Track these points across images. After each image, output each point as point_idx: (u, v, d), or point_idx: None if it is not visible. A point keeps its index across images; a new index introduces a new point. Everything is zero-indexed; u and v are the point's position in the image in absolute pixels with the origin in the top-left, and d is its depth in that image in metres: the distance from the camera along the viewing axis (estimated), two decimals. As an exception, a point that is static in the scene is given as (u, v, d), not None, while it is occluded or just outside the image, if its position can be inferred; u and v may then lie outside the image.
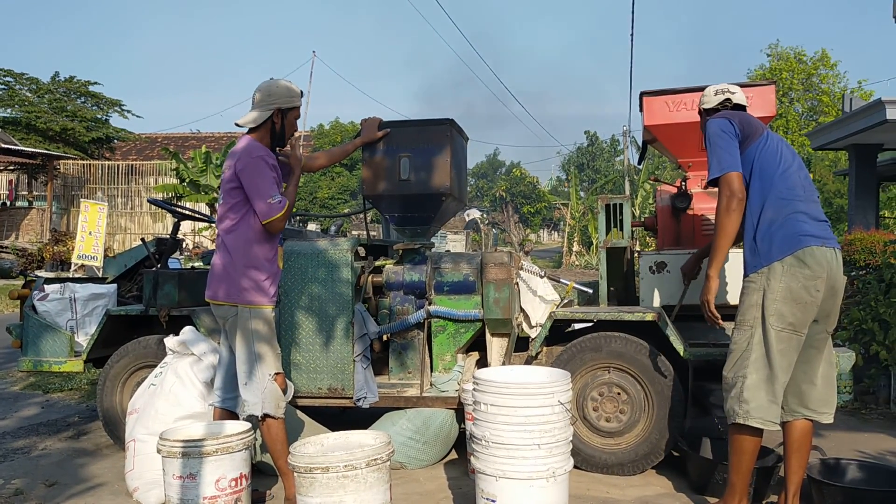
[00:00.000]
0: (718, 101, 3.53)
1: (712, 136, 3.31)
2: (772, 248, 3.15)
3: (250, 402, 3.40)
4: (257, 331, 3.39)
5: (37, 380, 6.83)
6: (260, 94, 3.50)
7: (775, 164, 3.25)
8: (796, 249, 3.11)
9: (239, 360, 3.43)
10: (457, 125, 4.43)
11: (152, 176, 24.90)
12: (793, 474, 3.28)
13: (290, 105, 3.55)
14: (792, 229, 3.15)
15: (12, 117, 26.32)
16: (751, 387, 3.14)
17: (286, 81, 3.56)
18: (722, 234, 3.24)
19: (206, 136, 35.22)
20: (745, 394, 3.14)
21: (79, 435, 5.03)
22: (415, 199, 4.36)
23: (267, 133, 3.53)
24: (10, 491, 3.87)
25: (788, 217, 3.17)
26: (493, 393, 3.05)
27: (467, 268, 4.33)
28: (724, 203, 3.21)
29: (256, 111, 3.49)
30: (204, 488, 3.16)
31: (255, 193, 3.32)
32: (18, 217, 22.49)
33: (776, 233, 3.16)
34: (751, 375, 3.14)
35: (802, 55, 27.24)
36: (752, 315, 3.18)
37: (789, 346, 3.14)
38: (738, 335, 3.23)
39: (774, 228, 3.17)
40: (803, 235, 3.13)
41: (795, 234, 3.14)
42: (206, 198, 19.98)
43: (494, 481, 3.00)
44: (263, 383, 3.38)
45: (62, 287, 4.93)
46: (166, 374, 3.90)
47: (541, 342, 4.17)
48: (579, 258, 21.90)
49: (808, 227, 3.16)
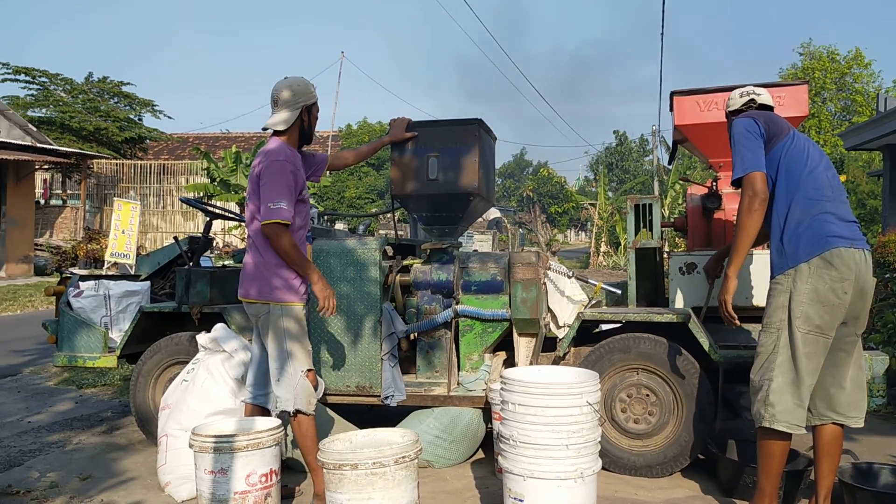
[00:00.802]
0: (743, 103, 3.51)
1: (737, 136, 3.28)
2: (798, 249, 3.12)
3: (283, 398, 3.43)
4: (288, 328, 3.42)
5: (71, 375, 6.95)
6: (284, 93, 3.50)
7: (802, 163, 3.21)
8: (823, 251, 3.07)
9: (271, 356, 3.46)
10: (485, 125, 4.44)
11: (183, 175, 25.24)
12: (823, 478, 3.25)
13: (313, 100, 3.59)
14: (819, 230, 3.11)
15: (47, 117, 26.81)
16: (777, 390, 3.10)
17: (300, 78, 3.58)
18: (742, 233, 3.21)
19: (236, 135, 35.57)
20: (771, 397, 3.11)
21: (112, 430, 5.11)
22: (443, 198, 4.37)
23: (295, 131, 3.57)
24: (46, 484, 3.95)
25: (816, 217, 3.13)
26: (522, 392, 3.05)
27: (495, 267, 4.34)
28: (745, 203, 3.19)
29: (285, 112, 3.51)
30: (235, 483, 3.20)
31: (264, 194, 3.34)
32: (53, 215, 22.90)
33: (803, 234, 3.12)
34: (777, 378, 3.11)
35: (836, 54, 26.81)
36: (778, 317, 3.15)
37: (816, 349, 3.10)
38: (765, 338, 3.20)
39: (801, 229, 3.13)
40: (831, 236, 3.09)
41: (822, 235, 3.10)
42: (236, 197, 20.18)
43: (522, 481, 3.01)
44: (295, 380, 3.41)
45: (97, 284, 5.02)
46: (198, 371, 3.96)
47: (569, 342, 4.17)
48: (607, 259, 21.77)
49: (836, 227, 3.11)
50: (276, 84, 3.55)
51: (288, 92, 3.51)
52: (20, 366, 7.71)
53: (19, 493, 3.80)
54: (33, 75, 26.82)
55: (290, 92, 3.51)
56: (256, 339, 3.63)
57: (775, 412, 3.10)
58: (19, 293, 14.54)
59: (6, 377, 7.11)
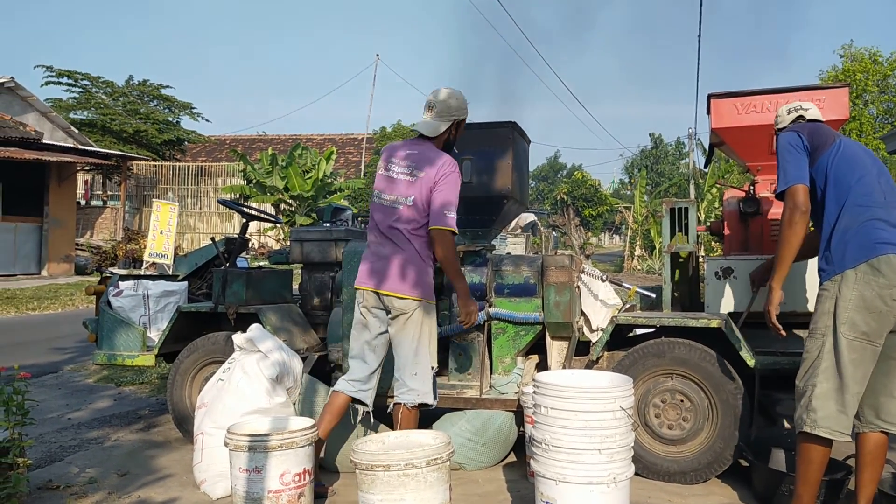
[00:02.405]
0: (791, 120, 3.49)
1: (781, 150, 3.29)
2: (845, 255, 3.07)
3: (422, 390, 3.57)
4: (431, 326, 3.61)
5: (110, 373, 7.08)
6: (441, 105, 3.61)
7: (851, 170, 3.17)
8: (871, 257, 3.02)
9: (409, 351, 3.57)
10: (519, 128, 4.44)
11: (220, 177, 25.60)
12: (864, 487, 3.18)
13: (465, 116, 3.70)
14: (867, 236, 3.06)
15: (89, 119, 27.40)
16: (820, 396, 3.06)
17: (459, 91, 3.69)
18: (785, 246, 3.20)
19: (272, 138, 36.00)
20: (814, 402, 3.06)
21: (149, 427, 5.20)
22: (476, 201, 4.37)
23: (441, 143, 3.66)
24: (85, 479, 4.03)
25: (864, 224, 3.08)
26: (554, 396, 3.04)
27: (528, 270, 4.33)
28: (787, 215, 3.18)
29: (437, 121, 3.61)
30: (269, 482, 3.24)
31: (441, 200, 3.48)
32: (93, 216, 23.37)
33: (851, 240, 3.08)
34: (821, 384, 3.06)
35: (878, 56, 26.27)
36: (823, 323, 3.10)
37: (862, 357, 3.04)
38: (810, 343, 3.15)
39: (849, 235, 3.09)
40: (879, 243, 3.03)
41: (871, 242, 3.04)
42: (271, 198, 20.41)
43: (554, 485, 3.00)
44: (430, 374, 3.60)
45: (136, 284, 5.11)
46: (234, 370, 4.01)
47: (602, 346, 4.14)
48: (641, 262, 21.59)
49: (886, 234, 3.05)
50: (437, 91, 3.66)
51: (446, 102, 3.62)
52: (61, 363, 7.88)
53: (59, 487, 3.88)
54: (76, 78, 27.43)
55: (448, 103, 3.62)
56: (367, 334, 3.68)
57: (817, 417, 3.05)
58: (60, 292, 14.85)
59: (47, 374, 7.27)
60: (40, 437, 4.81)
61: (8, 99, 21.08)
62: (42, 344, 9.01)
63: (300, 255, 4.94)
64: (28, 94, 21.80)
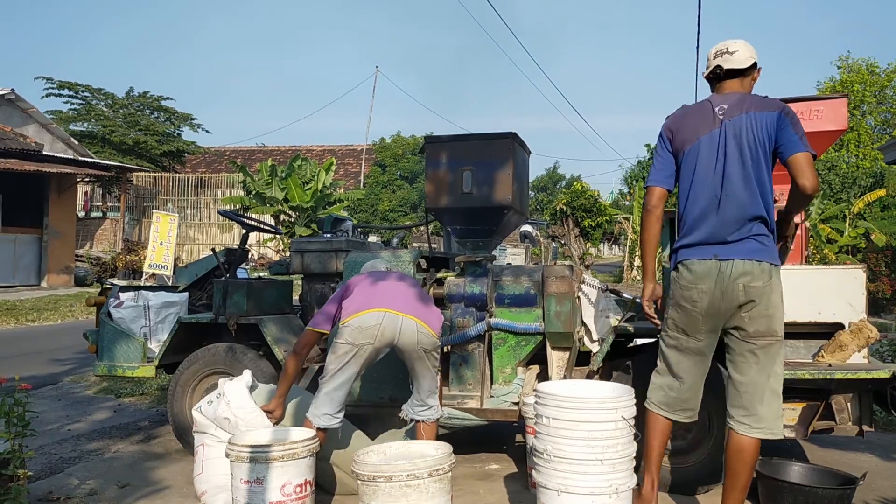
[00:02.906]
0: (709, 70, 3.31)
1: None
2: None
3: (437, 407, 3.74)
4: None
5: (110, 384, 7.07)
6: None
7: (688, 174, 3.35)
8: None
9: (433, 375, 3.70)
10: (519, 138, 4.46)
11: (220, 188, 25.66)
12: None
13: None
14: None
15: (89, 131, 27.48)
16: None
17: None
18: (642, 244, 3.51)
19: (271, 149, 36.07)
20: None
21: (149, 438, 5.19)
22: (477, 211, 4.39)
23: None
24: (85, 491, 4.02)
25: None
26: (556, 407, 3.04)
27: (528, 281, 4.33)
28: (642, 215, 3.44)
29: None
30: (270, 493, 3.23)
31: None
32: (93, 227, 23.38)
33: None
34: None
35: (875, 67, 26.40)
36: None
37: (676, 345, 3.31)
38: None
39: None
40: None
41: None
42: (271, 209, 20.43)
43: (556, 496, 2.99)
44: None
45: (136, 295, 5.11)
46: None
47: (603, 357, 4.14)
48: (641, 273, 21.58)
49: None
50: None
51: (747, 48, 3.26)
52: (60, 374, 7.87)
53: (60, 499, 3.88)
54: (76, 90, 27.52)
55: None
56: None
57: None
58: (60, 303, 14.84)
59: (47, 386, 7.26)
60: (40, 449, 4.79)
61: (8, 111, 21.13)
62: (42, 355, 9.00)
63: (300, 266, 4.94)
64: (28, 106, 21.87)
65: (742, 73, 3.25)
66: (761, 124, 3.09)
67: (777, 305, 3.14)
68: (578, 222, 22.70)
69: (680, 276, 3.21)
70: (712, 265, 3.12)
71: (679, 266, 3.23)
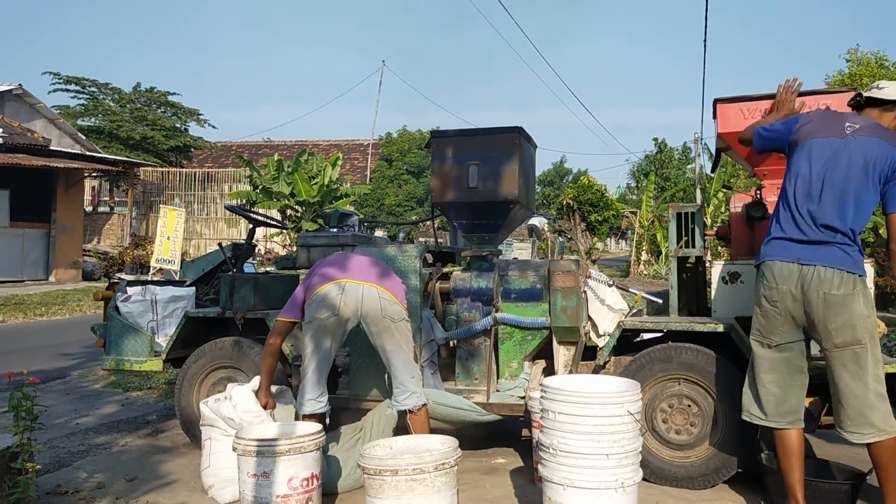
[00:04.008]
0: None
1: None
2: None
3: (419, 392, 3.69)
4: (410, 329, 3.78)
5: (118, 378, 7.10)
6: None
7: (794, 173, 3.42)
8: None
9: (408, 354, 3.70)
10: (525, 133, 4.45)
11: (227, 183, 25.67)
12: (886, 495, 3.18)
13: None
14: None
15: (96, 126, 27.53)
16: (745, 386, 3.47)
17: None
18: None
19: (278, 144, 36.11)
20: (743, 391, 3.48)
21: (157, 432, 5.22)
22: (483, 206, 4.38)
23: None
24: (94, 484, 4.05)
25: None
26: (562, 401, 3.04)
27: (534, 275, 4.33)
28: None
29: None
30: (277, 486, 3.24)
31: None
32: (101, 222, 23.47)
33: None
34: (746, 377, 3.48)
35: (884, 60, 26.15)
36: None
37: (759, 352, 3.38)
38: None
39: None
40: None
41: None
42: (277, 204, 20.43)
43: (562, 490, 2.99)
44: None
45: (144, 289, 5.12)
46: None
47: (609, 351, 4.14)
48: (648, 268, 21.53)
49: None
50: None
51: None
52: (68, 368, 7.91)
53: (68, 492, 3.90)
54: (83, 85, 27.58)
55: None
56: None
57: (742, 404, 3.45)
58: (68, 298, 14.91)
59: (55, 380, 7.30)
60: (48, 443, 4.82)
61: (16, 106, 21.21)
62: (50, 349, 9.04)
63: (307, 261, 4.94)
64: (36, 101, 21.94)
65: (881, 104, 3.35)
66: (886, 158, 3.16)
67: (861, 314, 3.16)
68: (585, 217, 22.65)
69: (762, 276, 3.35)
70: (794, 268, 3.19)
71: (762, 266, 3.36)
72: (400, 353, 3.67)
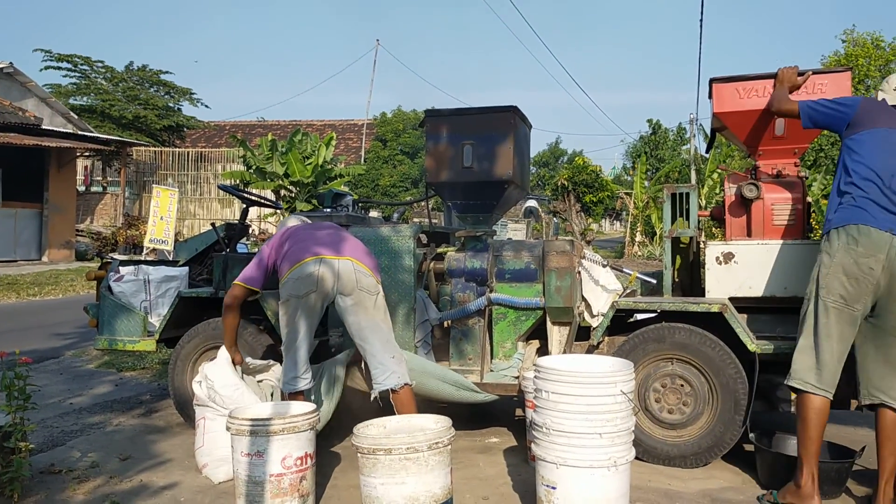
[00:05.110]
0: None
1: None
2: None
3: (400, 372, 3.64)
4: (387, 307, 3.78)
5: (111, 358, 7.10)
6: None
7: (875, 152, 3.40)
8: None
9: (386, 332, 3.69)
10: (520, 112, 4.42)
11: (220, 163, 25.56)
12: (884, 461, 3.27)
13: None
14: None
15: (88, 105, 27.32)
16: (798, 350, 3.33)
17: None
18: None
19: (271, 123, 35.90)
20: (794, 356, 3.34)
21: (150, 412, 5.22)
22: (477, 186, 4.37)
23: None
24: (87, 463, 4.05)
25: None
26: (555, 381, 3.05)
27: (529, 256, 4.33)
28: None
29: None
30: (270, 466, 3.25)
31: None
32: (93, 202, 23.35)
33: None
34: (801, 341, 3.33)
35: (880, 41, 26.11)
36: (810, 287, 3.35)
37: (839, 318, 3.23)
38: (803, 306, 3.40)
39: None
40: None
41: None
42: (271, 184, 20.34)
43: (555, 469, 3.01)
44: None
45: (137, 269, 5.10)
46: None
47: (602, 331, 4.15)
48: (642, 248, 21.56)
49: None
50: None
51: None
52: (62, 348, 7.90)
53: (61, 471, 3.90)
54: (74, 63, 27.32)
55: None
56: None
57: (793, 370, 3.32)
58: (61, 278, 14.86)
59: (49, 360, 7.29)
60: (42, 422, 4.82)
61: (7, 84, 21.01)
62: (43, 329, 9.03)
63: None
64: (27, 80, 21.73)
65: None
66: None
67: None
68: (580, 198, 22.64)
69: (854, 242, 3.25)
70: (887, 238, 3.19)
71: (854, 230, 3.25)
72: (378, 332, 3.66)
